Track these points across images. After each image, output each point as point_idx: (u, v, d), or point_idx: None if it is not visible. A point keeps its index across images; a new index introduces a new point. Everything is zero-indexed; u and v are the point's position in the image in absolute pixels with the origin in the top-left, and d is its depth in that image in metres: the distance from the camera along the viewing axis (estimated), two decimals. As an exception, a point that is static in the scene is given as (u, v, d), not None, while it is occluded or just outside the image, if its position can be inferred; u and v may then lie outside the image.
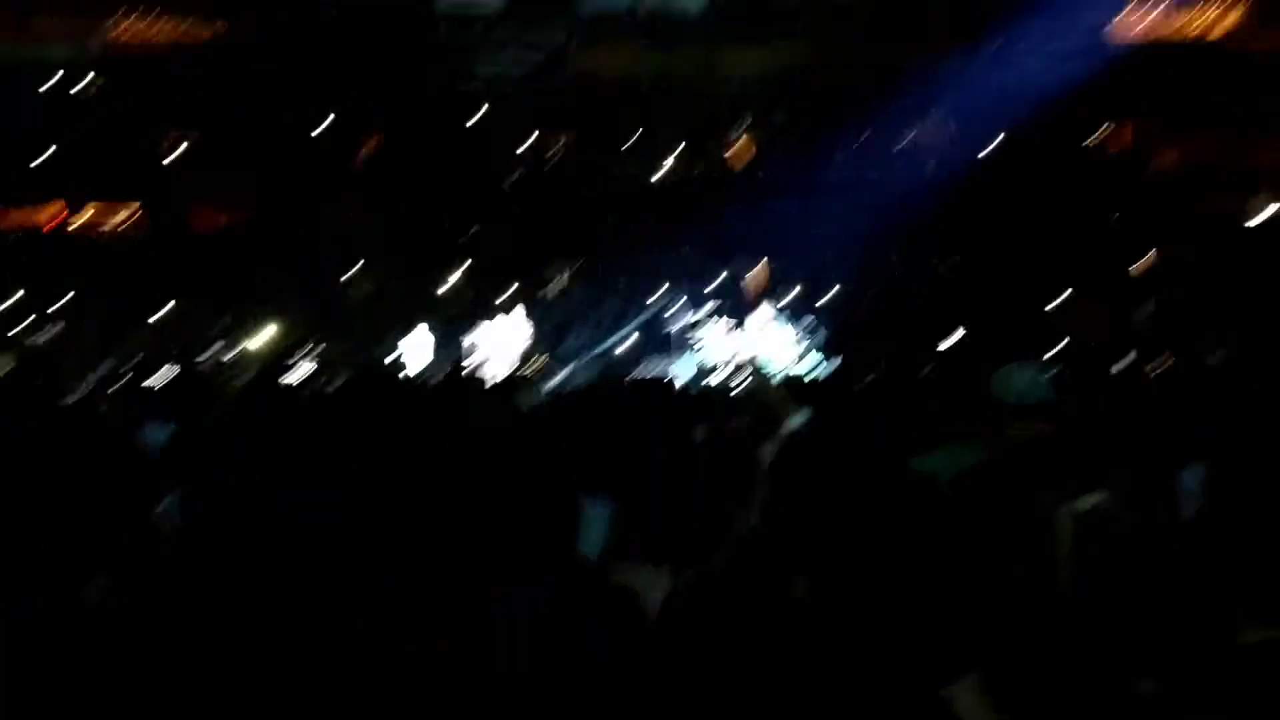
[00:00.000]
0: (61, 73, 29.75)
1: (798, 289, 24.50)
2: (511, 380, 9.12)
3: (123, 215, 28.99)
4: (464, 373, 8.95)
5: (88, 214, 28.78)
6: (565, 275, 28.32)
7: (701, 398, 10.07)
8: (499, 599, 3.28)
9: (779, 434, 5.64)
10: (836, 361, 15.75)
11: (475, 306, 22.39)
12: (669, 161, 29.83)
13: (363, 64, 29.85)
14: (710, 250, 27.20)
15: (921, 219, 25.40)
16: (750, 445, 5.38)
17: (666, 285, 22.07)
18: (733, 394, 9.29)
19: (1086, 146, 29.27)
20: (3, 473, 4.18)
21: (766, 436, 5.64)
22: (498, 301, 22.39)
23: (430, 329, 17.47)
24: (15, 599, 3.46)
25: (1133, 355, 16.71)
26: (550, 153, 30.85)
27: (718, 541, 3.65)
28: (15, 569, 3.60)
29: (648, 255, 27.44)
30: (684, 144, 30.03)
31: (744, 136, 31.32)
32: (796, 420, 6.01)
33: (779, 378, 9.67)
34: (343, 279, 27.47)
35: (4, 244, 27.08)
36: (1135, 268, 26.56)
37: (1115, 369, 15.19)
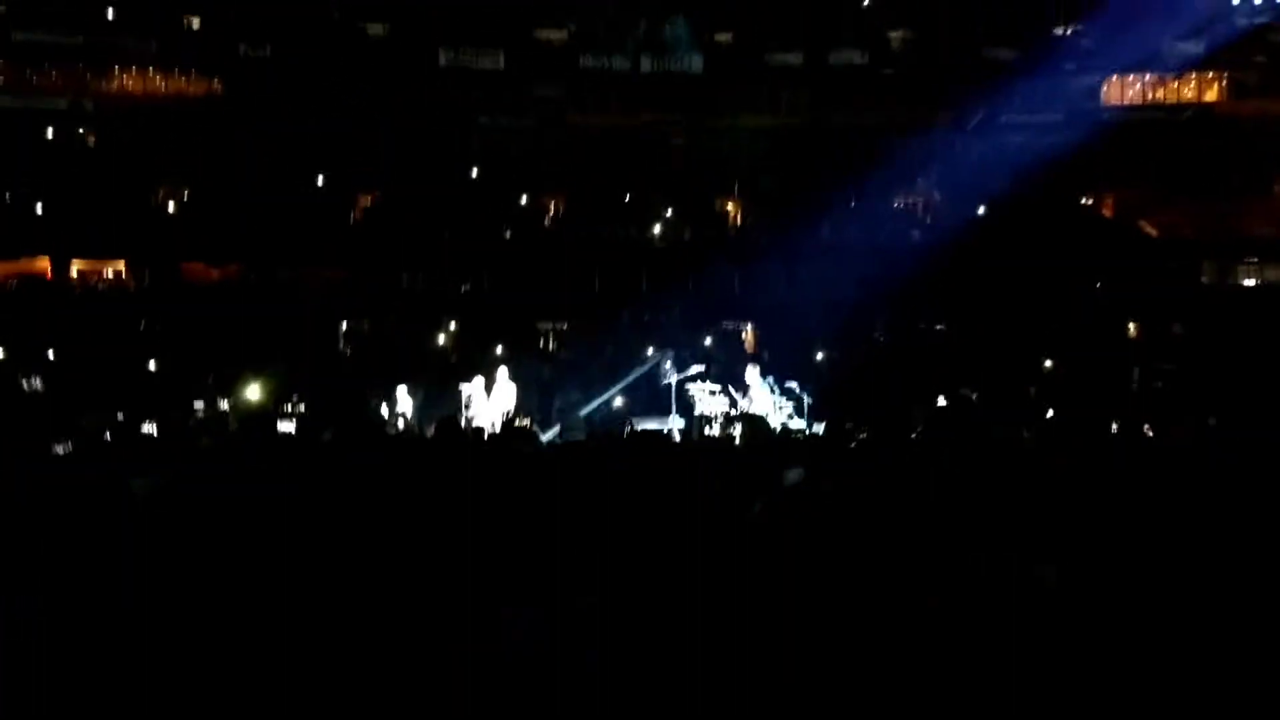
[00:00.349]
0: (56, 125, 30.07)
1: (785, 350, 24.58)
2: (509, 431, 9.16)
3: (113, 269, 29.11)
4: (457, 425, 8.99)
5: (78, 268, 28.89)
6: (554, 334, 28.47)
7: (697, 450, 10.13)
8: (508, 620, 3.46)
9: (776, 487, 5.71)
10: (821, 425, 15.78)
11: (463, 363, 22.38)
12: (660, 225, 30.11)
13: (362, 119, 30.24)
14: (700, 311, 27.35)
15: (907, 284, 25.57)
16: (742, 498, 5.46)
17: (656, 345, 22.09)
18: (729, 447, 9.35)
19: (1071, 214, 29.70)
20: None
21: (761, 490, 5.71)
22: (487, 358, 22.39)
23: (410, 390, 17.47)
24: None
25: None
26: (545, 211, 31.21)
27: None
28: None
29: (639, 315, 27.61)
30: (676, 206, 30.32)
31: (735, 200, 31.78)
32: (792, 476, 6.10)
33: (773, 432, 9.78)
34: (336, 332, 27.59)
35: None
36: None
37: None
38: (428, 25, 31.30)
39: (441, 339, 26.47)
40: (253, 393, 17.90)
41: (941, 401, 18.81)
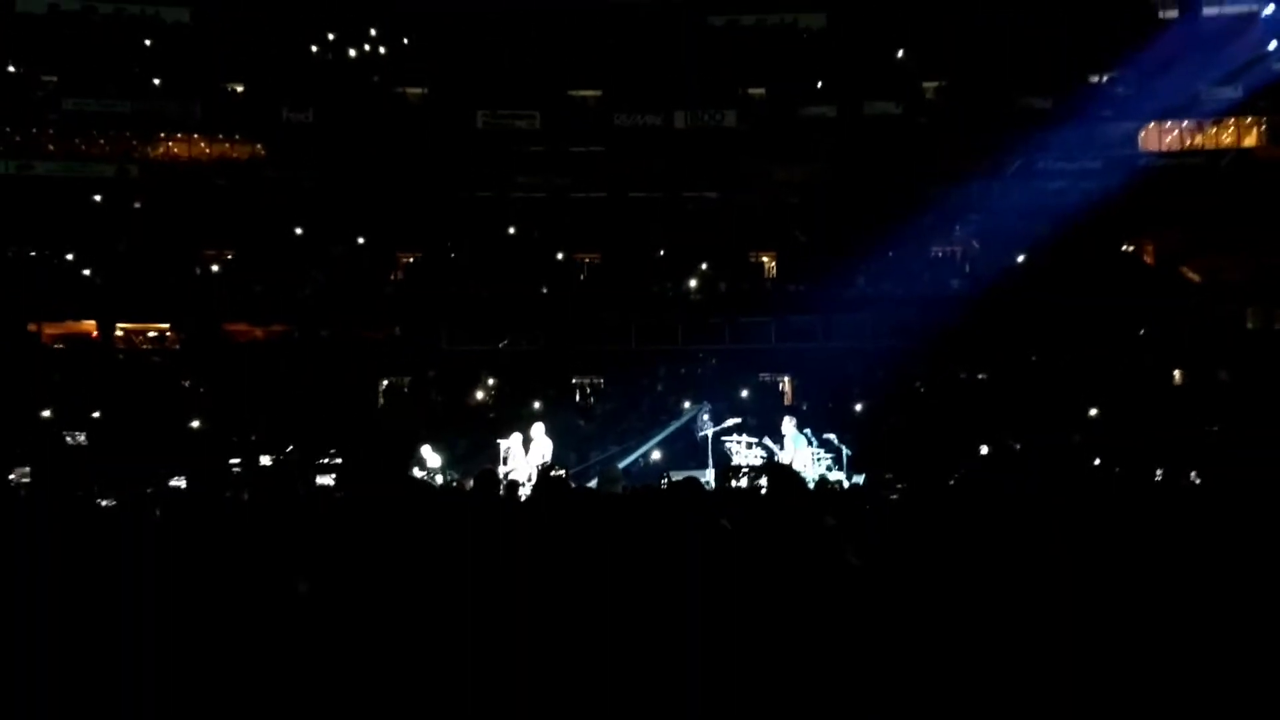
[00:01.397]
0: (103, 191, 30.77)
1: (823, 401, 24.47)
2: (545, 481, 9.18)
3: (156, 330, 29.63)
4: (495, 477, 9.02)
5: (123, 328, 29.43)
6: (590, 388, 28.56)
7: (730, 495, 10.09)
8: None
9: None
10: (861, 476, 15.63)
11: (501, 418, 22.47)
12: (695, 278, 30.21)
13: (401, 180, 30.75)
14: (736, 364, 27.34)
15: (946, 333, 25.44)
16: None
17: (692, 398, 22.07)
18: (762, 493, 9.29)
19: (1112, 260, 29.46)
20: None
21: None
22: (524, 412, 22.47)
23: (439, 447, 17.59)
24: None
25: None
26: (580, 267, 31.45)
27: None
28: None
29: (675, 369, 27.64)
30: (711, 259, 30.41)
31: (769, 252, 31.85)
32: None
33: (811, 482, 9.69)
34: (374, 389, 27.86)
35: (46, 354, 27.63)
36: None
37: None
38: (465, 88, 31.85)
39: (480, 394, 26.59)
40: (294, 449, 18.02)
41: (984, 450, 18.61)
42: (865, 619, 4.17)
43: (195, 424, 22.48)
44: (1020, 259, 28.58)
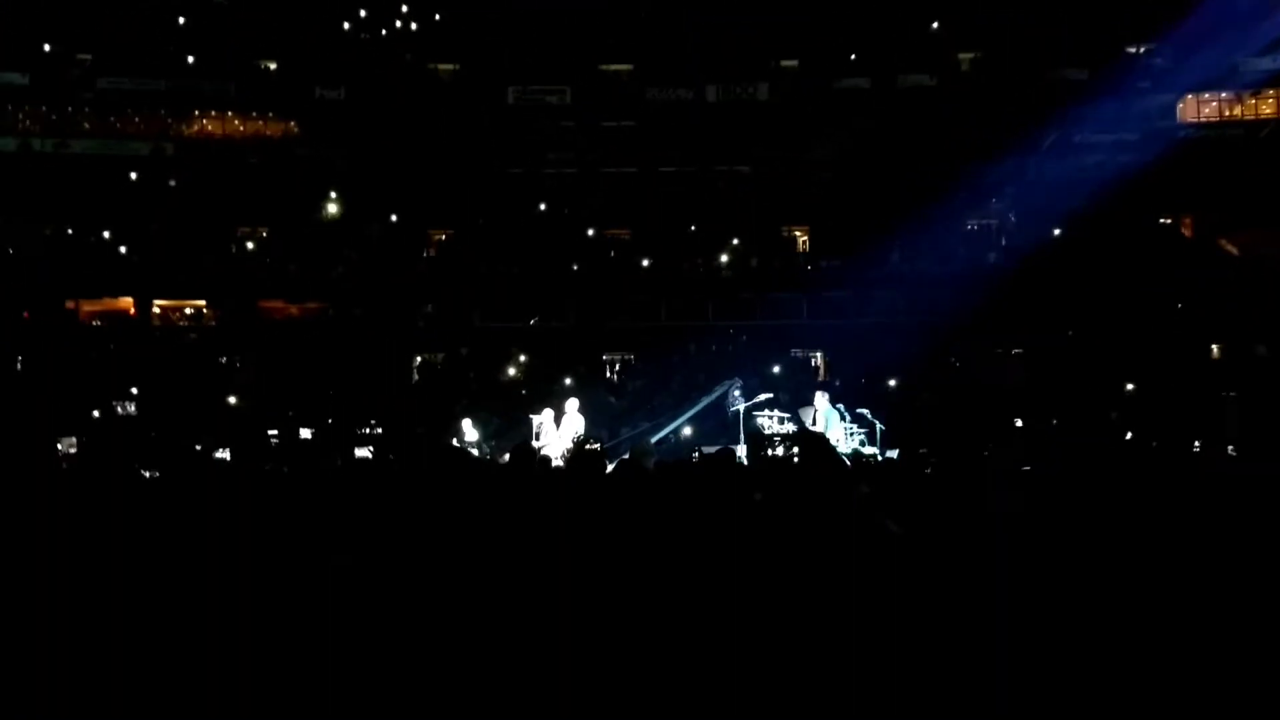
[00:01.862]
0: (138, 169, 31.07)
1: (856, 378, 24.41)
2: (580, 453, 9.27)
3: (192, 306, 29.97)
4: (531, 451, 9.10)
5: (159, 305, 29.77)
6: (621, 365, 28.66)
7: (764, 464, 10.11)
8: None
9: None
10: (894, 451, 15.59)
11: (533, 394, 22.59)
12: (727, 254, 30.16)
13: (433, 157, 30.85)
14: (768, 340, 27.30)
15: (982, 309, 25.28)
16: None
17: (723, 374, 22.04)
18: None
19: (1150, 234, 29.15)
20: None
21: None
22: (556, 389, 22.57)
23: (477, 421, 17.70)
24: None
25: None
26: (611, 243, 31.49)
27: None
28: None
29: (706, 345, 27.66)
30: (743, 235, 30.34)
31: (803, 227, 31.77)
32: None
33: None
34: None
35: (84, 331, 28.01)
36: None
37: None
38: (496, 64, 31.86)
39: (512, 371, 26.73)
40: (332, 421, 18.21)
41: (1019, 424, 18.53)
42: (906, 586, 4.18)
43: (232, 400, 22.73)
44: (1056, 233, 28.33)
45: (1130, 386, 23.31)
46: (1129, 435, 18.14)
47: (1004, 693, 3.65)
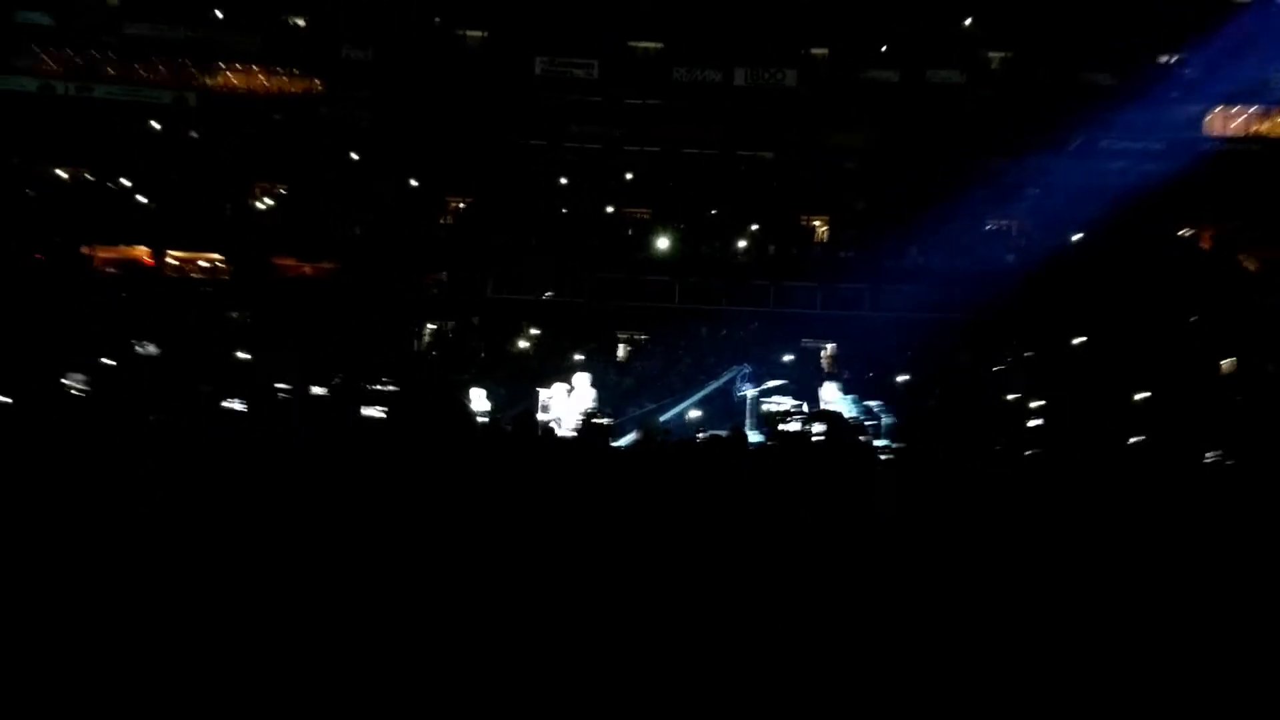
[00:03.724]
0: (160, 118, 31.21)
1: (865, 371, 24.52)
2: (589, 425, 9.47)
3: (206, 260, 30.17)
4: (534, 419, 9.26)
5: (174, 257, 29.96)
6: (632, 344, 28.82)
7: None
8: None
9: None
10: (901, 445, 15.76)
11: (544, 369, 22.78)
12: (744, 239, 30.22)
13: (456, 123, 30.95)
14: (780, 328, 27.42)
15: (995, 310, 25.37)
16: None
17: (733, 360, 22.18)
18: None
19: (1168, 245, 29.18)
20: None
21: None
22: (566, 364, 22.76)
23: (488, 394, 17.90)
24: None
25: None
26: (630, 221, 31.59)
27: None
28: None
29: (717, 329, 27.79)
30: (762, 221, 30.41)
31: (822, 217, 31.86)
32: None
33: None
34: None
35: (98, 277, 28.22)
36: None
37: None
38: (525, 34, 31.91)
39: (522, 343, 26.89)
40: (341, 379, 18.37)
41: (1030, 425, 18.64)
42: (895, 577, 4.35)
43: (242, 355, 22.91)
44: (1076, 238, 28.39)
45: (1139, 396, 23.43)
46: (1130, 442, 18.23)
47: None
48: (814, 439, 9.62)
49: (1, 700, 3.41)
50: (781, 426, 15.27)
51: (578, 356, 24.20)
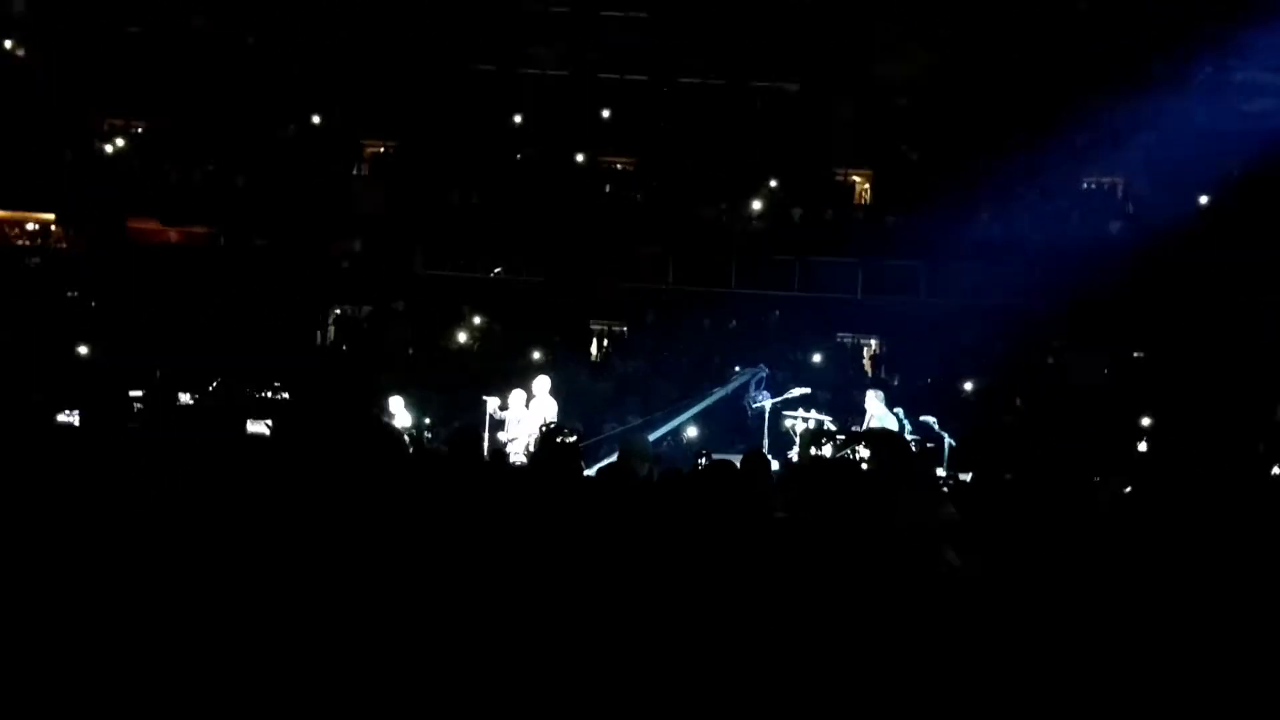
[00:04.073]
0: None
1: (921, 375, 24.53)
2: (550, 446, 9.28)
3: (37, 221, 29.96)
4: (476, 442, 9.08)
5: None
6: (610, 338, 28.79)
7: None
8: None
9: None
10: (968, 475, 15.57)
11: (491, 370, 22.73)
12: (760, 200, 30.12)
13: (376, 44, 30.66)
14: (808, 317, 27.37)
15: (1096, 296, 25.33)
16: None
17: (745, 360, 22.03)
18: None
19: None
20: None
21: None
22: (521, 364, 22.67)
23: (410, 402, 17.89)
24: None
25: None
26: (607, 174, 31.47)
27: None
28: None
29: (724, 319, 27.71)
30: (784, 176, 30.27)
31: (866, 171, 31.74)
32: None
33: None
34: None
35: None
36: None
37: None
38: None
39: (463, 336, 26.79)
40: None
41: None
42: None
43: (84, 349, 22.75)
44: (1203, 200, 28.35)
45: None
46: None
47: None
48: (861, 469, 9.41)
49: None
50: (811, 450, 15.10)
51: (537, 354, 24.20)
